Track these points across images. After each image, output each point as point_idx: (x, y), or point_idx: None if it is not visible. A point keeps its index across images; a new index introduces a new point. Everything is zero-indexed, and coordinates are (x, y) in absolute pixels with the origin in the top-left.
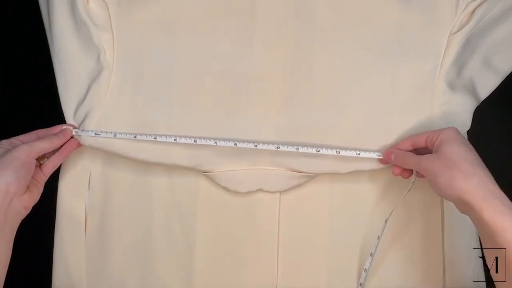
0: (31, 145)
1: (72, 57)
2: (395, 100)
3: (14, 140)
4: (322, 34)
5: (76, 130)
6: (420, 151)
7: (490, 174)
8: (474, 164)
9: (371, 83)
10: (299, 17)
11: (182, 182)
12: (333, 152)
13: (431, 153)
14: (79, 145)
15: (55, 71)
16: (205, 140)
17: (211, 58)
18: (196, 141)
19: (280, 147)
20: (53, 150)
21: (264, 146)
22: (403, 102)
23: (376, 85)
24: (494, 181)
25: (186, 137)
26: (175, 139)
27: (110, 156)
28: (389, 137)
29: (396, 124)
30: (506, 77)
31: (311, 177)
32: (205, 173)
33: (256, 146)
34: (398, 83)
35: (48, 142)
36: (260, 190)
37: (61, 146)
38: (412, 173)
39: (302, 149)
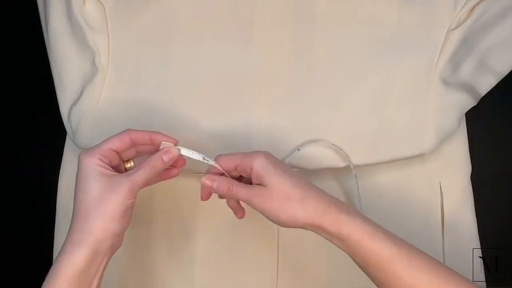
0: (135, 181)
1: (67, 59)
2: (390, 96)
3: (108, 151)
4: (320, 33)
5: (179, 148)
6: (233, 175)
7: (315, 187)
8: (303, 187)
9: (368, 80)
10: (298, 17)
11: (183, 183)
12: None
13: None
14: (178, 174)
15: (52, 71)
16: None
17: (208, 60)
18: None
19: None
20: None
21: (189, 154)
22: (398, 98)
23: (371, 82)
24: (320, 189)
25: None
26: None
27: None
28: (382, 133)
29: (390, 120)
30: (506, 77)
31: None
32: (199, 174)
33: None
34: (394, 79)
35: (153, 171)
36: None
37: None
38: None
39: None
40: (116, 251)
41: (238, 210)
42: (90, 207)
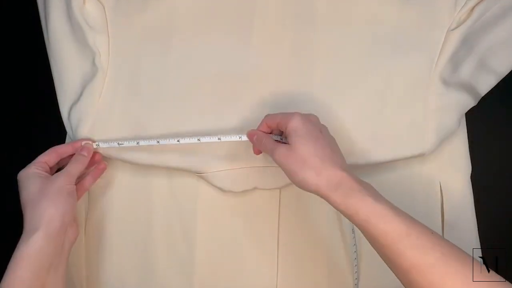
0: (68, 171)
1: (67, 59)
2: (390, 95)
3: (40, 163)
4: (320, 33)
5: (97, 143)
6: (277, 132)
7: (339, 160)
8: (323, 156)
9: (368, 80)
10: (298, 17)
11: (182, 182)
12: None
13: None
14: (106, 167)
15: (52, 71)
16: (188, 138)
17: (208, 60)
18: (179, 141)
19: (243, 137)
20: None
21: (228, 138)
22: (398, 98)
23: (372, 81)
24: (344, 164)
25: (169, 138)
26: (158, 141)
27: (110, 157)
28: (383, 133)
29: (390, 120)
30: (506, 77)
31: None
32: (199, 174)
33: (240, 138)
34: (394, 79)
35: (79, 164)
36: (255, 188)
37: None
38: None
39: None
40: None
41: (256, 149)
42: (35, 199)
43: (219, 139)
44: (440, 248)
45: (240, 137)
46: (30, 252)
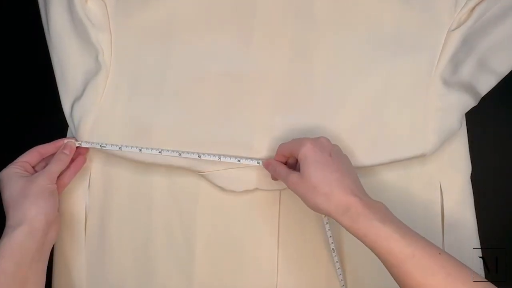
0: (49, 171)
1: (69, 55)
2: (390, 96)
3: (21, 162)
4: (320, 33)
5: (79, 142)
6: (292, 160)
7: (349, 185)
8: (332, 182)
9: (368, 80)
10: (298, 17)
11: (182, 182)
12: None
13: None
14: (86, 161)
15: (53, 68)
16: (190, 154)
17: (209, 59)
18: (180, 155)
19: (261, 162)
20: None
21: (247, 161)
22: (398, 98)
23: (372, 82)
24: (354, 189)
25: (170, 150)
26: (159, 152)
27: (110, 156)
28: (383, 134)
29: (391, 121)
30: (507, 77)
31: None
32: (200, 173)
33: (239, 161)
34: (394, 79)
35: (60, 162)
36: (257, 188)
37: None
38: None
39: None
40: (116, 250)
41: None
42: (18, 197)
43: (238, 161)
44: (445, 270)
45: (258, 162)
46: (13, 245)
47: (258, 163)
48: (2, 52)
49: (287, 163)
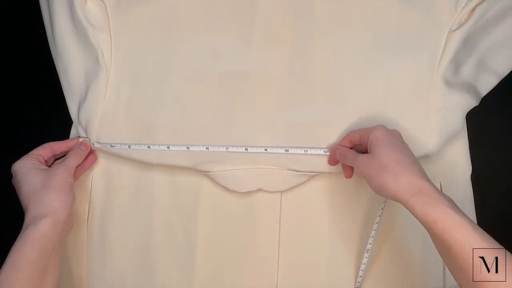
0: (68, 164)
1: (71, 58)
2: (392, 97)
3: (36, 155)
4: (321, 33)
5: (92, 142)
6: (359, 147)
7: (420, 170)
8: (403, 164)
9: (369, 81)
10: (298, 16)
11: (184, 182)
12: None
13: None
14: (96, 159)
15: (57, 71)
16: (197, 147)
17: (210, 58)
18: (188, 148)
19: (268, 149)
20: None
21: (254, 149)
22: (400, 98)
23: (373, 83)
24: (425, 175)
25: (179, 144)
26: (168, 147)
27: (112, 156)
28: None
29: (392, 122)
30: (507, 77)
31: (311, 176)
32: (204, 173)
33: (246, 149)
34: (395, 80)
35: (77, 157)
36: (260, 189)
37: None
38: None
39: (291, 150)
40: (117, 249)
41: (346, 170)
42: (39, 190)
43: (246, 149)
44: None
45: (325, 151)
46: (38, 235)
47: (325, 151)
48: (2, 52)
49: (352, 149)
